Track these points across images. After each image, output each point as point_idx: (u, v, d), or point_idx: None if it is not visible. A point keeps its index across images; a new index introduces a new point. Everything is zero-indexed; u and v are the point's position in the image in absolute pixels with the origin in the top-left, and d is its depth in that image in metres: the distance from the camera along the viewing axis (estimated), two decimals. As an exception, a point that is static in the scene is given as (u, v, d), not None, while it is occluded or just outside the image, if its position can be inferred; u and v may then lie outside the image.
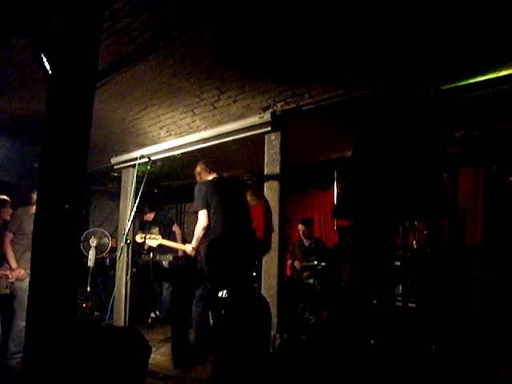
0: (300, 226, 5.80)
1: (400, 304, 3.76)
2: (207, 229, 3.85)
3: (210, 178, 4.14)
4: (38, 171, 1.63)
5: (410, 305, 3.67)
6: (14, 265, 3.89)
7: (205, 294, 3.85)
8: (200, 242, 3.94)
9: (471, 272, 3.75)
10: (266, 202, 4.12)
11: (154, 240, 4.69)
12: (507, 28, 2.69)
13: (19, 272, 3.85)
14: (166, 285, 6.30)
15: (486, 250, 4.34)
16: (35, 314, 1.60)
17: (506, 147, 4.48)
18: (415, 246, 4.48)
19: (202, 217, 3.85)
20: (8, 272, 3.87)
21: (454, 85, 3.27)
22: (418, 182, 1.67)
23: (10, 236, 3.97)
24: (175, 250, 6.37)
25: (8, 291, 3.88)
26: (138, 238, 4.72)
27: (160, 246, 6.21)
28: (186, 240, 6.16)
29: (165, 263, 6.08)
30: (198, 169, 4.23)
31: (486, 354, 3.22)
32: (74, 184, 1.64)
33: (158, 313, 6.03)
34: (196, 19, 2.76)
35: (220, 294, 4.87)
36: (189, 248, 4.04)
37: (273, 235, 4.00)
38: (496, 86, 3.25)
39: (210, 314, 4.03)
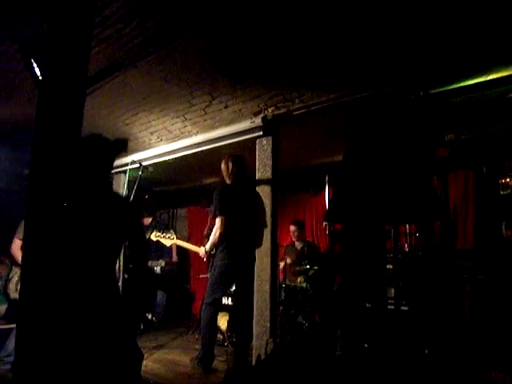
0: (292, 227, 5.78)
1: (392, 307, 3.77)
2: (222, 235, 3.84)
3: (228, 182, 4.08)
4: (28, 177, 1.62)
5: (402, 308, 3.68)
6: None
7: (215, 299, 3.85)
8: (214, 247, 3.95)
9: (463, 275, 3.78)
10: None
11: (168, 239, 4.68)
12: (494, 33, 2.73)
13: None
14: (159, 291, 6.26)
15: (477, 253, 4.37)
16: (26, 319, 1.58)
17: (496, 150, 4.53)
18: (407, 249, 4.50)
19: (218, 223, 3.85)
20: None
21: (443, 89, 3.31)
22: (408, 185, 1.68)
23: (18, 243, 4.01)
24: (168, 256, 6.35)
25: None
26: (153, 236, 4.69)
27: (156, 250, 6.20)
28: None
29: (157, 269, 6.05)
30: (221, 167, 4.13)
31: (479, 355, 3.24)
32: (65, 190, 1.63)
33: (151, 317, 6.00)
34: (186, 25, 2.77)
35: (224, 301, 4.89)
36: (202, 251, 4.03)
37: (265, 240, 4.00)
38: (484, 89, 3.29)
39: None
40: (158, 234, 4.67)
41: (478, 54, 2.99)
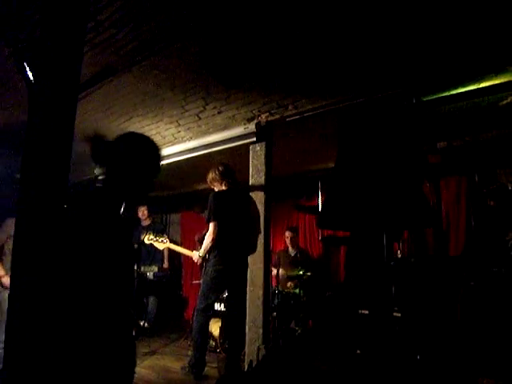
0: (287, 233, 5.80)
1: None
2: (215, 241, 3.86)
3: (222, 188, 4.11)
4: (19, 181, 1.61)
5: (395, 314, 3.68)
6: (1, 272, 3.86)
7: (207, 305, 3.83)
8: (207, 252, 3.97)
9: (455, 281, 3.79)
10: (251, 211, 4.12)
11: (161, 243, 4.65)
12: (486, 42, 2.76)
13: (6, 280, 3.80)
14: (151, 297, 6.23)
15: (469, 259, 4.38)
16: (16, 326, 1.57)
17: (487, 157, 4.57)
18: (399, 256, 4.51)
19: (211, 228, 3.87)
20: None
21: (435, 96, 3.34)
22: (400, 192, 1.68)
23: None
24: (160, 262, 6.31)
25: None
26: (146, 240, 4.66)
27: (148, 256, 6.16)
28: None
29: (149, 275, 6.01)
30: (210, 177, 4.16)
31: (470, 361, 3.25)
32: (56, 194, 1.62)
33: (143, 324, 5.96)
34: (181, 31, 2.77)
35: (216, 307, 4.87)
36: (196, 255, 4.03)
37: (258, 246, 4.00)
38: (476, 97, 3.33)
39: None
40: (152, 237, 4.64)
41: (470, 62, 3.02)
